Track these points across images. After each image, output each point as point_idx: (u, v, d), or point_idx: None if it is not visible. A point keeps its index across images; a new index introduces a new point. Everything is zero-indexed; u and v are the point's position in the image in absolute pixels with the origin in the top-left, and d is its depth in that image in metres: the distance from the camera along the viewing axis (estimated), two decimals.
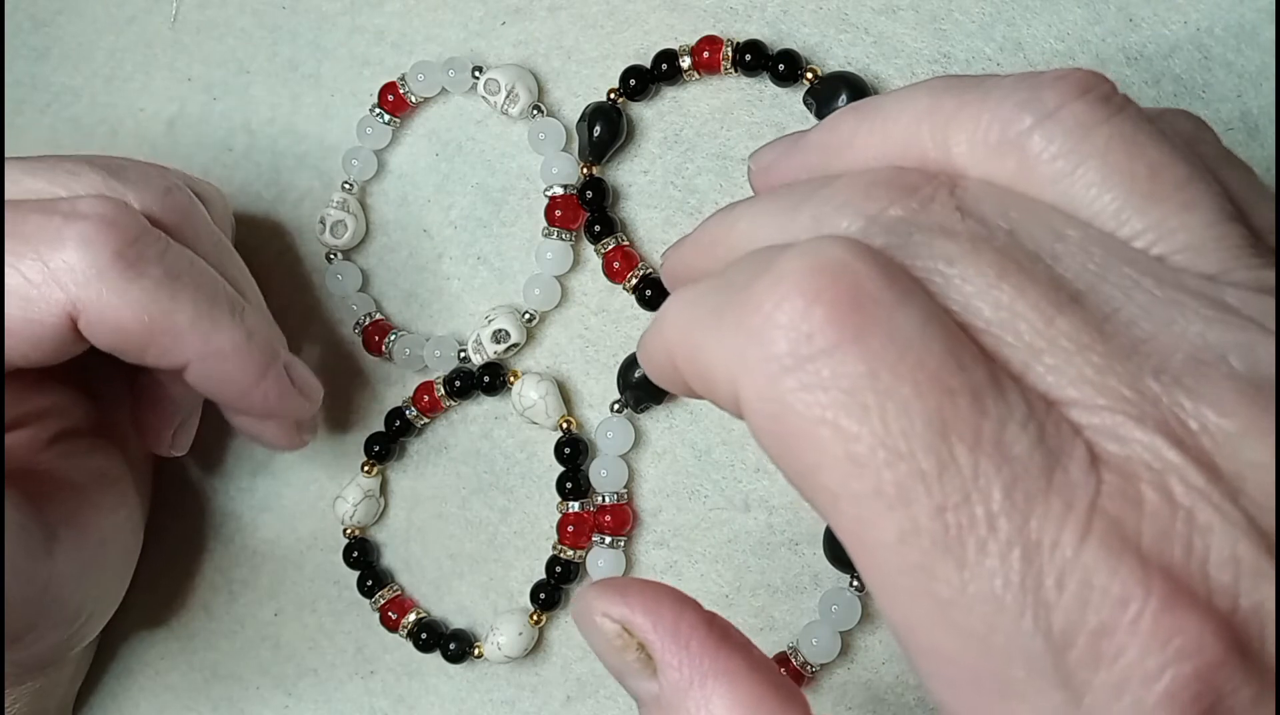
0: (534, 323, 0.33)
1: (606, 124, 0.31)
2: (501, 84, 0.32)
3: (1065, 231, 0.18)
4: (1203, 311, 0.17)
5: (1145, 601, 0.15)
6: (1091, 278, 0.17)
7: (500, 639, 0.32)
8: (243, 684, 0.35)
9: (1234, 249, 0.18)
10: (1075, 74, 0.19)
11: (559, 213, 0.32)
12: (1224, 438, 0.16)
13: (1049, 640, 0.15)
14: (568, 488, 0.32)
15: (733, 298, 0.17)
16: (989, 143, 0.19)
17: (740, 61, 0.30)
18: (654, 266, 0.32)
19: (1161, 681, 0.15)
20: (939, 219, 0.18)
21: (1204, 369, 0.16)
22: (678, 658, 0.19)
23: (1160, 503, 0.16)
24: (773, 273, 0.17)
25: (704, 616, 0.20)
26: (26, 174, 0.27)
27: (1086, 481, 0.16)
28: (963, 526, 0.16)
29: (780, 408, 0.17)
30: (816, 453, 0.16)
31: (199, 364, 0.27)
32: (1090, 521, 0.15)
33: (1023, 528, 0.15)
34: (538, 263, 0.32)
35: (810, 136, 0.22)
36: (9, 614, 0.26)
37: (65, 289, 0.25)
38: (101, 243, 0.25)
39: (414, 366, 0.33)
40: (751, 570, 0.31)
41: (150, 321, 0.26)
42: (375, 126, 0.34)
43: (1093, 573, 0.15)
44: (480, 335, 0.32)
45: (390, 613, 0.33)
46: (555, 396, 0.32)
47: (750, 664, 0.19)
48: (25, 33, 0.38)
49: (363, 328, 0.34)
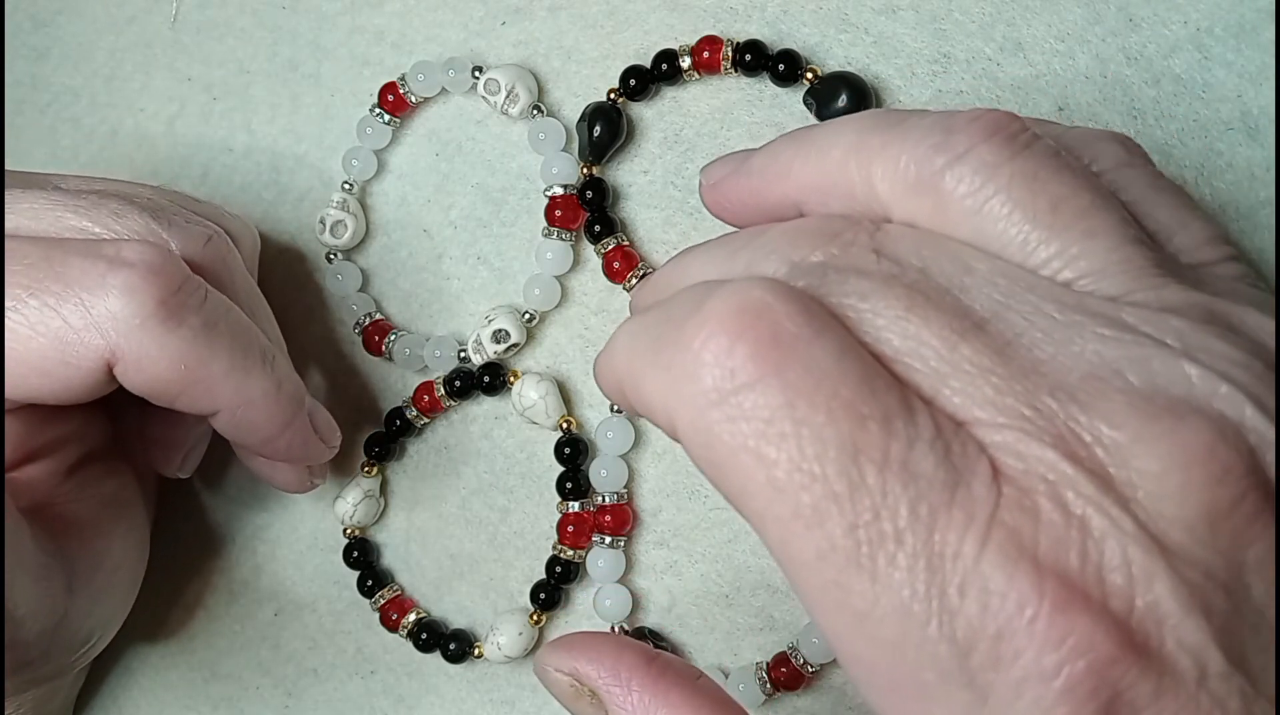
0: (534, 323, 0.33)
1: (606, 124, 0.31)
2: (501, 84, 0.32)
3: (974, 265, 0.19)
4: (1101, 331, 0.18)
5: (1039, 605, 0.16)
6: (996, 306, 0.19)
7: (500, 639, 0.32)
8: (243, 684, 0.35)
9: (1136, 271, 0.19)
10: (986, 116, 0.20)
11: (559, 213, 0.32)
12: (1116, 448, 0.17)
13: (953, 645, 0.16)
14: (568, 488, 0.32)
15: (666, 333, 0.19)
16: (907, 181, 0.20)
17: (740, 61, 0.30)
18: (654, 266, 0.32)
19: (1058, 679, 0.16)
20: (855, 261, 0.19)
21: (1098, 385, 0.17)
22: (621, 696, 0.21)
23: (1055, 512, 0.17)
24: (701, 313, 0.18)
25: (643, 657, 0.21)
26: (70, 212, 0.27)
27: (987, 495, 0.17)
28: (873, 542, 0.17)
29: (709, 437, 0.18)
30: (742, 478, 0.18)
31: (229, 412, 0.27)
32: (989, 531, 0.17)
33: (927, 541, 0.17)
34: (538, 263, 0.32)
35: (754, 160, 0.23)
36: (23, 649, 0.26)
37: (105, 336, 0.25)
38: (145, 292, 0.25)
39: (414, 366, 0.33)
40: (751, 570, 0.31)
41: (187, 371, 0.26)
42: (375, 126, 0.34)
43: (991, 580, 0.16)
44: (480, 335, 0.32)
45: (390, 613, 0.33)
46: (555, 396, 0.32)
47: (691, 693, 0.21)
48: (25, 33, 0.38)
49: (363, 328, 0.34)
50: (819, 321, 0.18)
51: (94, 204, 0.27)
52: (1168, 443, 0.17)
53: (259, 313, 0.30)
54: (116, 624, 0.31)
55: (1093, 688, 0.16)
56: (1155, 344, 0.18)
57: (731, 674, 0.30)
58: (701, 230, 0.32)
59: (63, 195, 0.27)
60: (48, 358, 0.25)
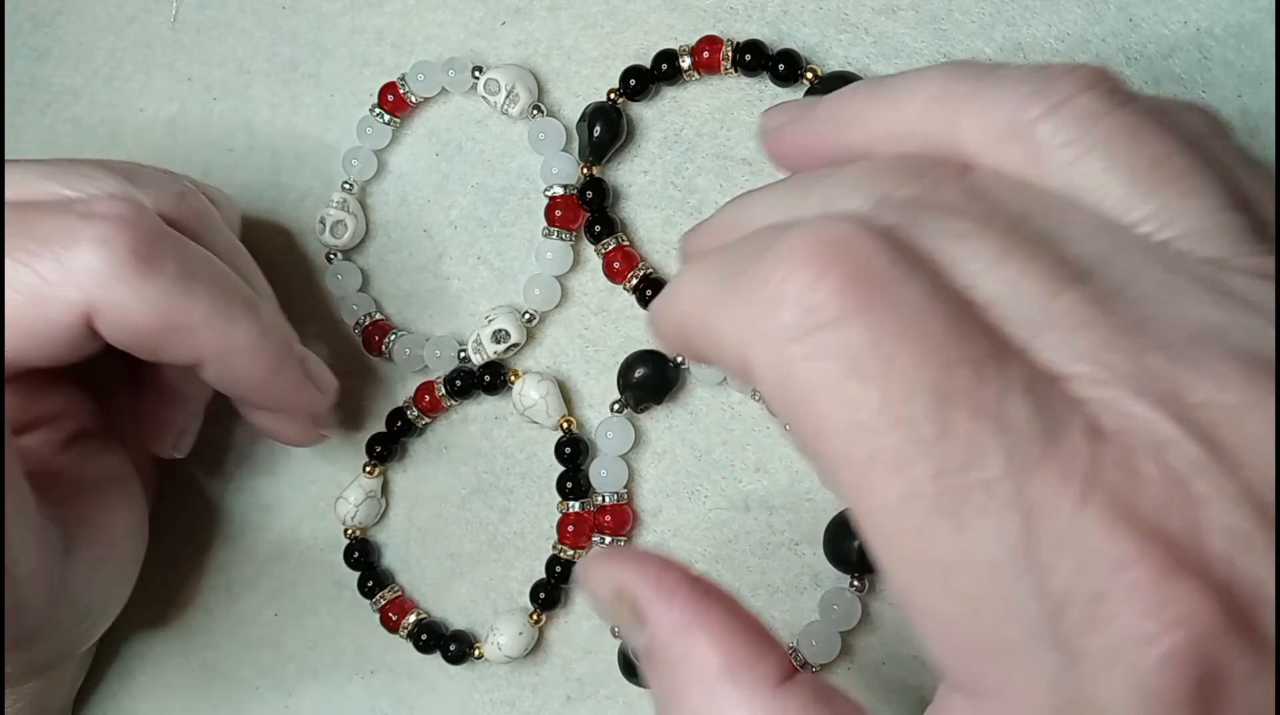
0: (534, 323, 0.33)
1: (606, 124, 0.31)
2: (501, 84, 0.32)
3: (1072, 217, 0.18)
4: (1204, 295, 0.17)
5: (1142, 568, 0.15)
6: (1096, 260, 0.18)
7: (500, 639, 0.32)
8: (243, 684, 0.35)
9: (1235, 236, 0.18)
10: (1083, 68, 0.19)
11: (559, 213, 0.32)
12: (1223, 412, 0.16)
13: (1045, 603, 0.16)
14: (568, 488, 0.32)
15: (743, 270, 0.18)
16: (998, 130, 0.19)
17: (740, 61, 0.30)
18: (654, 266, 0.32)
19: (1156, 647, 0.15)
20: (947, 199, 0.18)
21: (1206, 347, 0.16)
22: (662, 611, 0.20)
23: (1158, 474, 0.16)
24: (782, 246, 0.17)
25: (686, 577, 0.21)
26: (41, 177, 0.27)
27: (1086, 451, 0.16)
28: (961, 490, 0.16)
29: (788, 375, 0.17)
30: (822, 419, 0.17)
31: (215, 360, 0.27)
32: (1089, 489, 0.16)
33: (1021, 492, 0.16)
34: (538, 263, 0.32)
35: (822, 106, 0.22)
36: (24, 614, 0.26)
37: (82, 289, 0.25)
38: (118, 242, 0.25)
39: (414, 366, 0.33)
40: (751, 570, 0.31)
41: (167, 318, 0.26)
42: (375, 126, 0.34)
43: (1090, 538, 0.15)
44: (480, 335, 0.32)
45: (390, 614, 0.33)
46: (556, 396, 0.32)
47: (730, 617, 0.20)
48: (25, 33, 0.38)
49: (363, 328, 0.34)
50: (907, 260, 0.17)
51: (65, 169, 0.27)
52: (1269, 407, 0.16)
53: (241, 264, 0.30)
54: (115, 607, 0.31)
55: (1191, 659, 0.15)
56: (1260, 313, 0.17)
57: None
58: None
59: (33, 165, 0.28)
60: (28, 316, 0.25)
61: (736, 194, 0.31)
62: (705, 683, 0.19)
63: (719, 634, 0.20)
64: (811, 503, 0.31)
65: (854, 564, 0.29)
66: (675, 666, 0.20)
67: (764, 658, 0.19)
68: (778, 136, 0.23)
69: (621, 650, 0.31)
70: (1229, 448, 0.16)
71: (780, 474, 0.31)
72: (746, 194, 0.22)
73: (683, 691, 0.20)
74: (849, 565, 0.29)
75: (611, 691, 0.32)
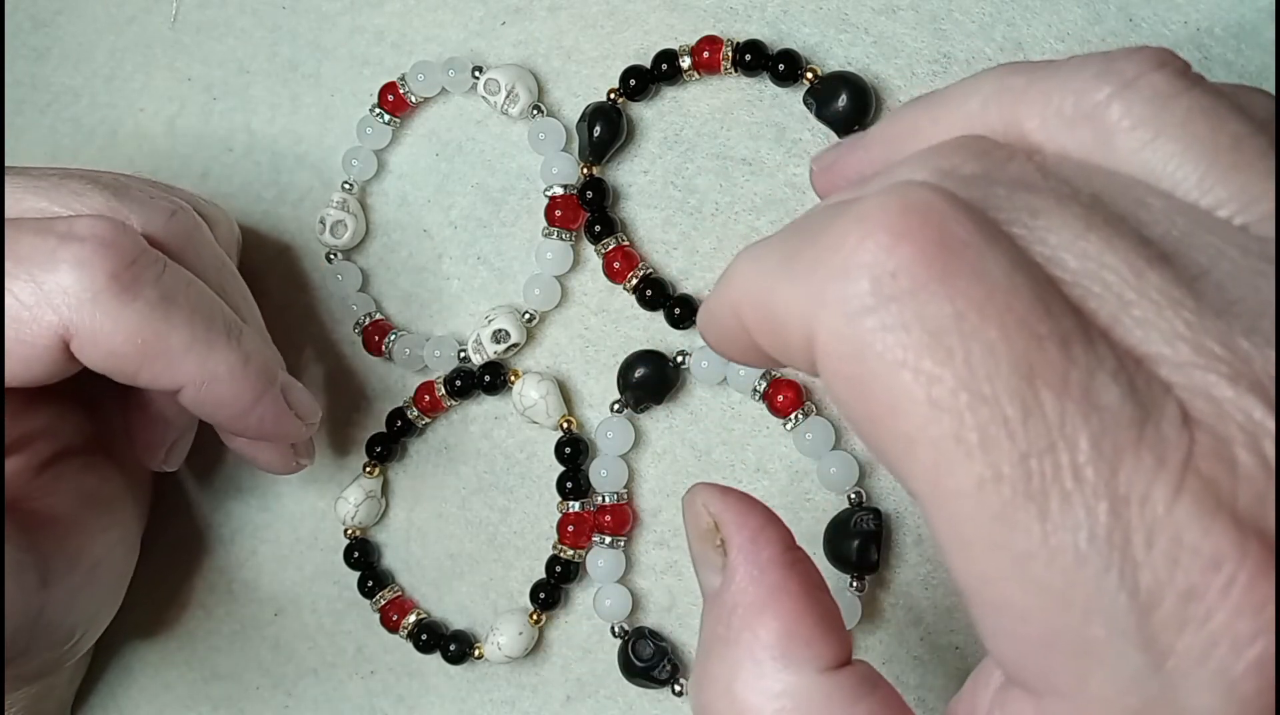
0: (534, 323, 0.33)
1: (606, 124, 0.31)
2: (501, 84, 0.32)
3: (1148, 199, 0.17)
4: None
5: (1240, 565, 0.14)
6: (1178, 241, 0.17)
7: (500, 639, 0.32)
8: (243, 684, 0.35)
9: None
10: (1149, 49, 0.18)
11: (559, 213, 0.32)
12: None
13: (1134, 599, 0.15)
14: (568, 488, 0.32)
15: (809, 241, 0.17)
16: (1064, 115, 0.18)
17: (740, 61, 0.30)
18: (654, 266, 0.32)
19: (1252, 649, 0.14)
20: (1020, 176, 0.18)
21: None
22: (744, 567, 0.20)
23: (1255, 466, 0.15)
24: (855, 212, 0.16)
25: (782, 541, 0.20)
26: (29, 193, 0.27)
27: (1179, 438, 0.15)
28: (1047, 475, 0.15)
29: (858, 349, 0.16)
30: (894, 395, 0.16)
31: (194, 388, 0.27)
32: (1183, 479, 0.15)
33: (1111, 480, 0.15)
34: (538, 263, 0.32)
35: (872, 133, 0.22)
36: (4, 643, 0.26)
37: (58, 311, 0.25)
38: (96, 265, 0.25)
39: (414, 366, 0.33)
40: None
41: (144, 345, 0.26)
42: (375, 126, 0.34)
43: (1185, 531, 0.15)
44: (480, 335, 0.32)
45: (391, 614, 0.33)
46: (556, 396, 0.32)
47: (805, 594, 0.19)
48: (25, 33, 0.38)
49: (362, 328, 0.34)
50: (988, 229, 0.16)
51: (54, 184, 0.27)
52: None
53: (230, 288, 0.30)
54: (103, 621, 0.31)
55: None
56: None
57: None
58: (702, 230, 0.32)
59: (24, 177, 0.27)
60: (11, 345, 0.25)
61: (737, 193, 0.31)
62: (755, 647, 0.19)
63: (788, 607, 0.19)
64: (811, 503, 0.31)
65: (854, 564, 0.29)
66: (734, 622, 0.20)
67: (822, 640, 0.19)
68: (831, 172, 0.23)
69: (622, 650, 0.31)
70: None
71: (780, 474, 0.31)
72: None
73: (731, 645, 0.19)
74: (849, 565, 0.29)
75: (611, 691, 0.32)
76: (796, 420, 0.30)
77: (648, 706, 0.32)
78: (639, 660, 0.31)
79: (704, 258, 0.32)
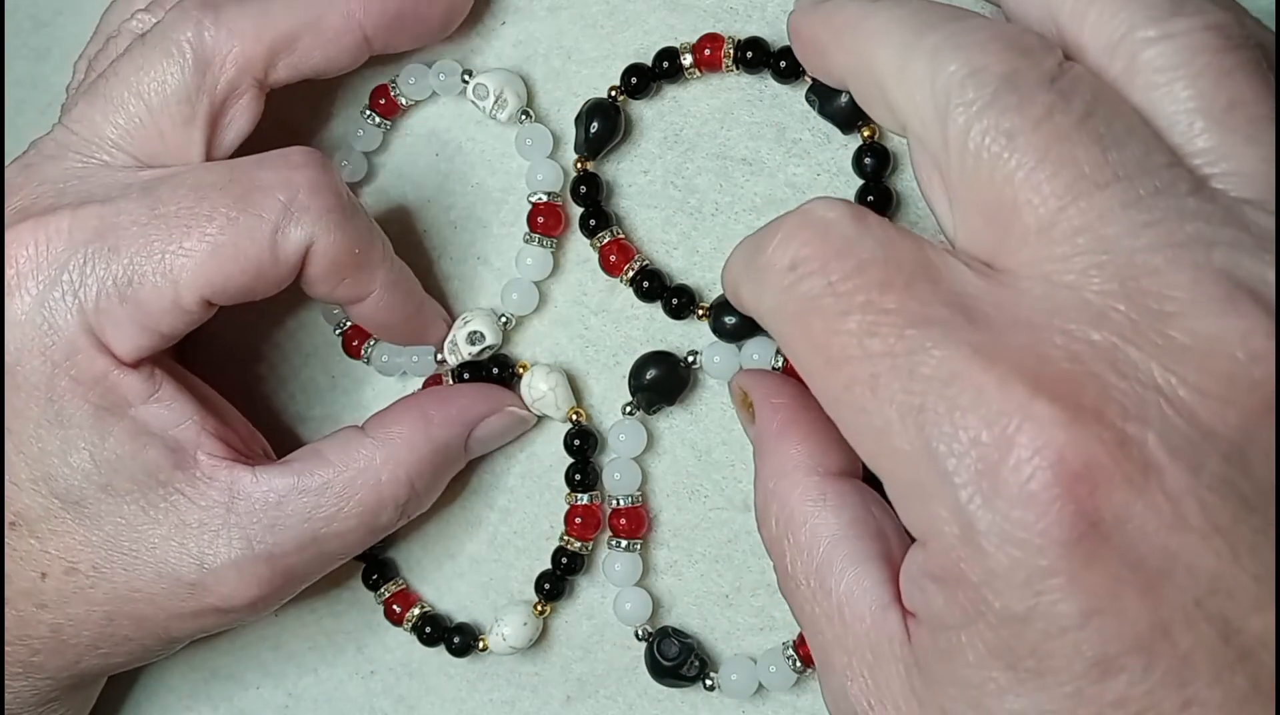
0: (510, 326, 0.32)
1: (603, 120, 0.31)
2: (490, 89, 0.32)
3: (1140, 131, 0.21)
4: (1214, 216, 0.20)
5: (1026, 414, 0.19)
6: (1133, 171, 0.20)
7: (505, 630, 0.32)
8: (243, 684, 0.35)
9: (1275, 186, 0.20)
10: (1215, 9, 0.21)
11: (541, 219, 0.32)
12: (1173, 304, 0.19)
13: (951, 449, 0.20)
14: (576, 480, 0.32)
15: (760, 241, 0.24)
16: (1112, 37, 0.21)
17: (742, 59, 0.30)
18: (650, 258, 0.32)
19: (1034, 481, 0.19)
20: (1028, 83, 0.21)
21: (1181, 253, 0.19)
22: (767, 416, 0.27)
23: (1068, 346, 0.19)
24: (779, 222, 0.24)
25: (791, 391, 0.27)
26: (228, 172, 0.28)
27: (1006, 325, 0.20)
28: (879, 375, 0.21)
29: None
30: (798, 339, 0.23)
31: (378, 293, 0.30)
32: (996, 354, 0.20)
33: (920, 365, 0.20)
34: (517, 267, 0.32)
35: None
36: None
37: (304, 229, 0.27)
38: (329, 186, 0.28)
39: (393, 372, 0.33)
40: (751, 570, 0.31)
41: (359, 254, 0.29)
42: (366, 129, 0.34)
43: (987, 391, 0.19)
44: (456, 336, 0.32)
45: (395, 606, 0.33)
46: (565, 388, 0.32)
47: (814, 423, 0.26)
48: (25, 33, 0.38)
49: (343, 331, 0.34)
50: (862, 223, 0.22)
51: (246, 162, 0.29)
52: (1217, 315, 0.19)
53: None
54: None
55: (1068, 489, 0.19)
56: (1255, 243, 0.19)
57: (760, 657, 0.30)
58: (702, 230, 0.32)
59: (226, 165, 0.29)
60: (263, 261, 0.27)
61: (737, 193, 0.31)
62: (787, 467, 0.26)
63: (804, 433, 0.26)
64: None
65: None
66: (768, 454, 0.26)
67: (832, 452, 0.26)
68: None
69: (648, 652, 0.31)
70: (1156, 333, 0.19)
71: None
72: (871, 10, 0.24)
73: (771, 470, 0.26)
74: None
75: (611, 691, 0.32)
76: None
77: (648, 706, 0.32)
78: (666, 660, 0.30)
79: (704, 258, 0.32)
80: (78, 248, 0.27)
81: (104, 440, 0.27)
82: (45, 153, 0.29)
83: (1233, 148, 0.20)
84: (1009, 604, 0.19)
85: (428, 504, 0.31)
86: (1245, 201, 0.20)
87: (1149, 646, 0.19)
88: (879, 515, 0.25)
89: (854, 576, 0.24)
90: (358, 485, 0.29)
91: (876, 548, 0.24)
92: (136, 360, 0.28)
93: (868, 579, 0.23)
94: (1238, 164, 0.20)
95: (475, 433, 0.31)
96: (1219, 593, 0.18)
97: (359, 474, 0.29)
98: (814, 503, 0.25)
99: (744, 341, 0.30)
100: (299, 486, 0.28)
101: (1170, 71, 0.21)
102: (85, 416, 0.27)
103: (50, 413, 0.27)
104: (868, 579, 0.23)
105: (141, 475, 0.28)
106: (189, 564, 0.28)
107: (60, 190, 0.28)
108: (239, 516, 0.28)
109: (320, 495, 0.28)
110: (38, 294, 0.27)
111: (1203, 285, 0.19)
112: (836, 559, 0.24)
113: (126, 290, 0.27)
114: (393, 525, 0.30)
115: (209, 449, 0.28)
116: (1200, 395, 0.19)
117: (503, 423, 0.32)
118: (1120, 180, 0.20)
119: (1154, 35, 0.21)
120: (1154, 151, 0.20)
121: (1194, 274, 0.19)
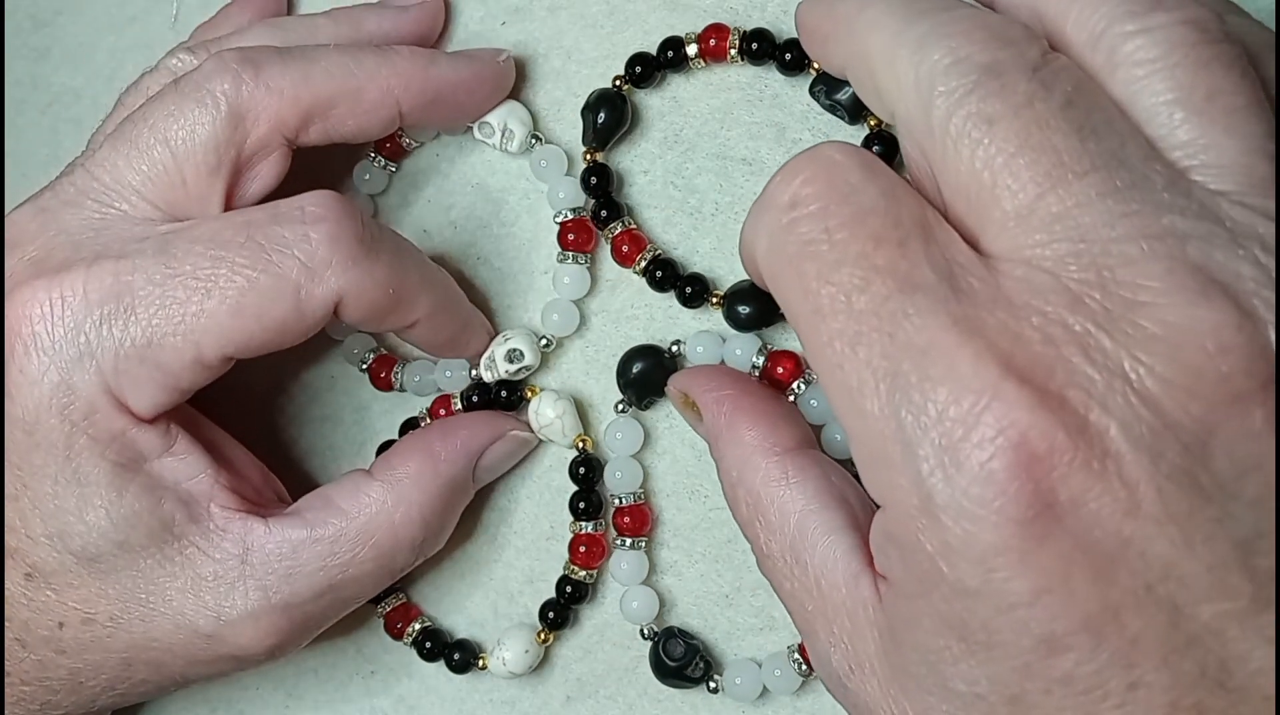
0: (551, 348, 0.32)
1: (611, 110, 0.31)
2: (495, 126, 0.32)
3: (1117, 125, 0.21)
4: (1189, 209, 0.20)
5: (995, 393, 0.19)
6: (1112, 161, 0.20)
7: (506, 654, 0.31)
8: (243, 684, 0.35)
9: (1256, 180, 0.20)
10: (1190, 4, 0.21)
11: (571, 236, 0.32)
12: (1147, 295, 0.19)
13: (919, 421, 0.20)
14: (581, 508, 0.32)
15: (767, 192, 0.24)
16: (1093, 32, 0.22)
17: (747, 50, 0.30)
18: (663, 248, 0.32)
19: (997, 459, 0.19)
20: (1010, 73, 0.21)
21: (1156, 245, 0.20)
22: (713, 410, 0.27)
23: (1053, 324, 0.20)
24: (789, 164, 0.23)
25: (731, 381, 0.28)
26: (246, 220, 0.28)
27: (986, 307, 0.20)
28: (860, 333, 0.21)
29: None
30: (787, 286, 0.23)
31: (426, 319, 0.30)
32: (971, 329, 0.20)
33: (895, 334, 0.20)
34: (555, 287, 0.32)
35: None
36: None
37: (327, 284, 0.27)
38: (347, 236, 0.27)
39: (426, 392, 0.33)
40: (751, 570, 0.31)
41: (395, 292, 0.28)
42: (373, 172, 0.34)
43: (956, 363, 0.20)
44: (494, 352, 0.32)
45: (395, 621, 0.33)
46: (572, 415, 0.32)
47: (760, 405, 0.27)
48: (25, 33, 0.38)
49: (368, 367, 0.33)
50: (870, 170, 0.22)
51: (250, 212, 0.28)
52: (1188, 307, 0.19)
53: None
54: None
55: (1027, 470, 0.19)
56: (1230, 237, 0.20)
57: (765, 661, 0.30)
58: (702, 230, 0.32)
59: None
60: (288, 319, 0.27)
61: (737, 193, 0.31)
62: (745, 454, 0.26)
63: (753, 418, 0.27)
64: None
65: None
66: (724, 445, 0.27)
67: (783, 429, 0.26)
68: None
69: (653, 652, 0.31)
70: (1126, 322, 0.19)
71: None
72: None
73: (731, 460, 0.26)
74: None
75: (611, 692, 0.32)
76: (799, 390, 0.30)
77: (648, 706, 0.32)
78: (671, 660, 0.30)
79: (704, 258, 0.32)
80: (93, 308, 0.26)
81: (121, 496, 0.27)
82: (63, 197, 0.28)
83: (1212, 139, 0.20)
84: (962, 577, 0.20)
85: (443, 541, 0.31)
86: (1222, 194, 0.20)
87: (1097, 627, 0.19)
88: (839, 482, 0.25)
89: (825, 547, 0.24)
90: (371, 530, 0.29)
91: (843, 515, 0.24)
92: (155, 416, 0.27)
93: (838, 547, 0.24)
94: (1217, 156, 0.20)
95: (481, 462, 0.31)
96: (1170, 579, 0.19)
97: (371, 519, 0.29)
98: (777, 482, 0.25)
99: (748, 332, 0.30)
100: (313, 537, 0.28)
101: (1149, 64, 0.21)
102: (103, 474, 0.27)
103: (68, 471, 0.27)
104: (838, 547, 0.24)
105: (158, 529, 0.27)
106: (206, 616, 0.28)
107: (76, 243, 0.27)
108: (254, 568, 0.28)
109: (335, 544, 0.29)
110: (54, 354, 0.26)
111: (1176, 277, 0.19)
112: (808, 532, 0.24)
113: (146, 351, 0.26)
114: (410, 565, 0.30)
115: (222, 501, 0.28)
116: (1166, 385, 0.19)
117: (507, 448, 0.32)
118: (1098, 170, 0.20)
119: (1133, 29, 0.21)
120: (1132, 143, 0.21)
121: (1168, 265, 0.19)
